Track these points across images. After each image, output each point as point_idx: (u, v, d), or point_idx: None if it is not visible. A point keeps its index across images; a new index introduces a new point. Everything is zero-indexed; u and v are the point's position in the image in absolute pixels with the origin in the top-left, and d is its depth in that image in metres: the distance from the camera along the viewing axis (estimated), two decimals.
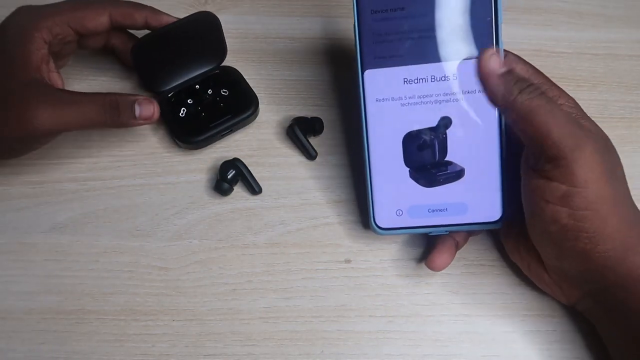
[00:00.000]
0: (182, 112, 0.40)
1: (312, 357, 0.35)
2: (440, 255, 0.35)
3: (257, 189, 0.39)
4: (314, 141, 0.41)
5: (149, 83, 0.41)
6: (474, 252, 0.38)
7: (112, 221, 0.38)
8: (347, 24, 0.47)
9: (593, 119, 0.34)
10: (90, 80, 0.44)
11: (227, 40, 0.45)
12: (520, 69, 0.34)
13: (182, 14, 0.39)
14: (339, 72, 0.44)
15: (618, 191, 0.31)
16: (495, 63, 0.31)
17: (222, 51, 0.43)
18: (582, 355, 0.35)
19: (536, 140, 0.30)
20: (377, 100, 0.35)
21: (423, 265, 0.38)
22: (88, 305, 0.36)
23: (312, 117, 0.41)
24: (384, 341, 0.36)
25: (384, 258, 0.38)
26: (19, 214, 0.39)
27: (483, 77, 0.31)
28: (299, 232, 0.38)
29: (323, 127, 0.42)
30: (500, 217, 0.35)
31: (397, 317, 0.36)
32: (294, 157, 0.41)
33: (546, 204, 0.31)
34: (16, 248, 0.38)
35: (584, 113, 0.34)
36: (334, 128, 0.42)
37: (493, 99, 0.31)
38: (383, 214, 0.36)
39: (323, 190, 0.40)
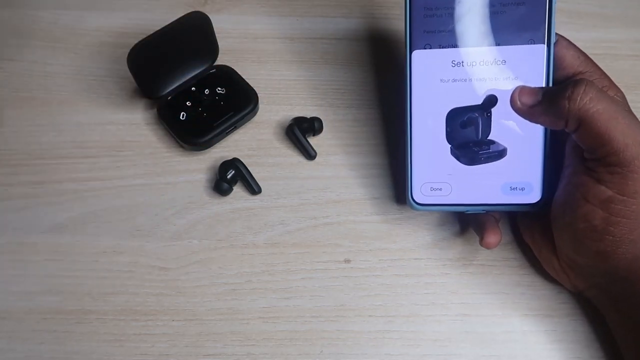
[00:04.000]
0: (182, 115, 0.40)
1: (311, 357, 0.35)
2: (493, 233, 0.35)
3: (256, 189, 0.39)
4: (313, 141, 0.41)
5: (147, 90, 0.41)
6: (473, 252, 0.38)
7: (112, 221, 0.39)
8: (347, 24, 0.47)
9: None
10: (91, 80, 0.44)
11: (227, 40, 0.45)
12: (570, 56, 0.34)
13: (181, 14, 0.39)
14: (339, 72, 0.44)
15: None
16: (526, 97, 0.31)
17: (214, 50, 0.43)
18: (581, 355, 0.35)
19: (597, 146, 0.29)
20: (424, 79, 0.35)
21: (422, 265, 0.38)
22: (88, 305, 0.36)
23: (311, 117, 0.42)
24: (384, 341, 0.36)
25: (383, 258, 0.38)
26: (19, 214, 0.39)
27: (521, 114, 0.32)
28: (299, 232, 0.39)
29: (322, 127, 0.42)
30: (539, 200, 0.34)
31: (396, 317, 0.36)
32: (294, 157, 0.41)
33: (585, 203, 0.31)
34: (16, 248, 0.38)
35: (630, 108, 0.33)
36: (333, 128, 0.42)
37: (545, 125, 0.32)
38: (420, 190, 0.35)
39: (323, 190, 0.40)
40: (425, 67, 0.35)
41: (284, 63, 0.45)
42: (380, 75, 0.44)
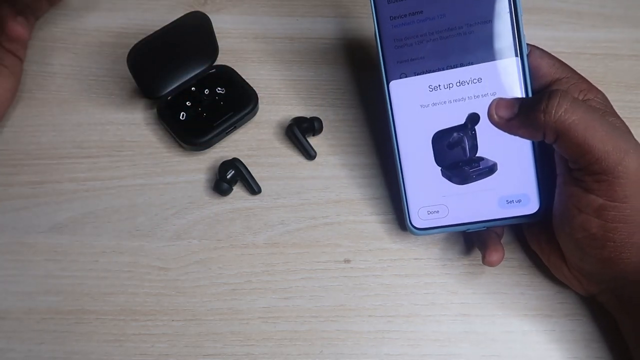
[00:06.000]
0: (182, 115, 0.40)
1: (311, 357, 0.35)
2: (495, 251, 0.35)
3: (256, 189, 0.39)
4: (313, 141, 0.41)
5: (146, 90, 0.41)
6: (473, 252, 0.38)
7: (112, 221, 0.39)
8: (346, 24, 0.47)
9: None
10: (91, 80, 0.44)
11: (226, 40, 0.45)
12: (546, 65, 0.34)
13: (181, 14, 0.39)
14: (339, 72, 0.44)
15: None
16: (502, 111, 0.32)
17: (214, 50, 0.43)
18: (581, 354, 0.35)
19: (577, 156, 0.29)
20: (404, 107, 0.35)
21: (422, 265, 0.38)
22: (87, 305, 0.36)
23: (311, 117, 0.42)
24: (383, 341, 0.36)
25: (383, 258, 0.38)
26: (18, 214, 0.39)
27: (499, 127, 0.32)
28: (298, 232, 0.38)
29: (322, 127, 0.42)
30: (538, 209, 0.34)
31: (396, 317, 0.36)
32: (294, 157, 0.41)
33: (579, 213, 0.31)
34: (16, 248, 0.38)
35: (613, 109, 0.33)
36: (333, 128, 0.42)
37: (524, 137, 0.32)
38: (418, 215, 0.36)
39: (322, 190, 0.40)
40: (404, 95, 0.35)
41: (284, 63, 0.45)
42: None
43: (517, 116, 0.31)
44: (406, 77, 0.35)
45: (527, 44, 0.34)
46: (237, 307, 0.36)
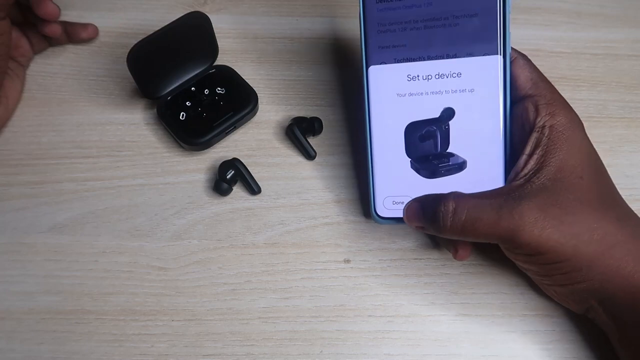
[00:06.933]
0: (182, 115, 0.40)
1: (311, 357, 0.35)
2: (462, 246, 0.35)
3: (256, 189, 0.39)
4: (313, 141, 0.41)
5: (146, 90, 0.41)
6: (473, 252, 0.38)
7: (112, 221, 0.39)
8: (346, 24, 0.47)
9: (592, 119, 0.33)
10: (90, 80, 0.44)
11: (226, 40, 0.45)
12: (523, 78, 0.33)
13: (181, 14, 0.39)
14: (339, 72, 0.44)
15: (583, 225, 0.30)
16: (409, 214, 0.34)
17: (214, 50, 0.43)
18: (580, 355, 0.35)
19: (488, 242, 0.32)
20: (381, 94, 0.35)
21: (422, 265, 0.38)
22: (87, 305, 0.36)
23: (311, 117, 0.42)
24: (383, 341, 0.36)
25: (383, 258, 0.38)
26: (19, 214, 0.39)
27: (414, 228, 0.34)
28: (298, 232, 0.38)
29: (322, 127, 0.42)
30: None
31: (396, 317, 0.36)
32: (293, 157, 0.41)
33: (515, 258, 0.33)
34: (16, 248, 0.38)
35: (576, 132, 0.32)
36: (333, 128, 0.42)
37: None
38: (383, 204, 0.36)
39: (322, 190, 0.40)
40: (382, 82, 0.35)
41: (284, 63, 0.45)
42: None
43: (424, 229, 0.34)
44: (386, 63, 0.35)
45: (514, 50, 0.34)
46: (237, 307, 0.36)
